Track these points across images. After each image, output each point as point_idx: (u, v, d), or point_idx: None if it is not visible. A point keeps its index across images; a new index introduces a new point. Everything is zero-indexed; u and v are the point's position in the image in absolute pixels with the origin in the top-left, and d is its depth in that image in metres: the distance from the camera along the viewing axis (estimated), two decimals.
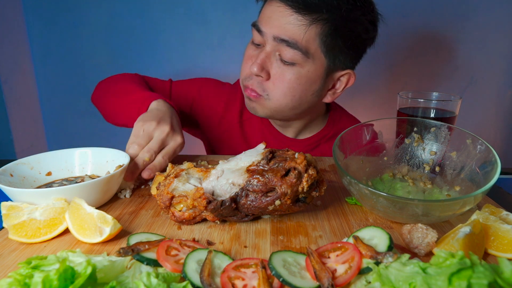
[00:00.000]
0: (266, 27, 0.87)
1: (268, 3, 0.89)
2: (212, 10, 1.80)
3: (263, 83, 0.92)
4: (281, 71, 0.89)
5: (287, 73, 0.89)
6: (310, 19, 0.84)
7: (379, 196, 0.57)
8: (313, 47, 0.87)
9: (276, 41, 0.87)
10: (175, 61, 1.89)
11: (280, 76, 0.89)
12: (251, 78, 0.93)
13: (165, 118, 0.82)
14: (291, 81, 0.89)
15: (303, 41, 0.85)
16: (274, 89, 0.91)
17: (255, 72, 0.89)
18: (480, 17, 1.76)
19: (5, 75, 1.79)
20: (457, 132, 0.72)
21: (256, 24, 0.91)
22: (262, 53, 0.90)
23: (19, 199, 0.61)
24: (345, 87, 0.99)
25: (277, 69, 0.90)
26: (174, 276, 0.45)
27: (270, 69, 0.90)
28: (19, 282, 0.40)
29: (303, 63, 0.88)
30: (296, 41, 0.85)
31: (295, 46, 0.85)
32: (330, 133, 1.11)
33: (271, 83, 0.91)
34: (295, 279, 0.44)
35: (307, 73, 0.90)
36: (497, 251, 0.54)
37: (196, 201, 0.59)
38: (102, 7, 1.81)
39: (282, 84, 0.90)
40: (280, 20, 0.85)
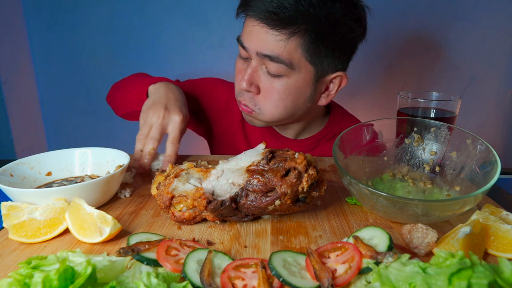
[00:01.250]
0: (248, 43, 0.88)
1: (248, 19, 0.88)
2: (212, 10, 1.80)
3: (254, 97, 0.92)
4: (269, 84, 0.89)
5: (276, 85, 0.89)
6: (288, 33, 0.82)
7: (379, 196, 0.57)
8: (296, 58, 0.85)
9: (259, 56, 0.87)
10: (175, 61, 1.89)
11: (269, 89, 0.90)
12: (243, 93, 0.94)
13: (160, 100, 0.85)
14: (280, 92, 0.89)
15: (284, 54, 0.84)
16: (264, 102, 0.92)
17: (244, 88, 0.90)
18: (480, 17, 1.76)
19: (5, 75, 1.79)
20: (457, 132, 0.72)
21: (239, 39, 0.91)
22: (249, 68, 0.90)
23: (19, 199, 0.61)
24: (338, 88, 0.97)
25: (266, 82, 0.90)
26: (174, 276, 0.45)
27: (259, 82, 0.91)
28: (19, 282, 0.40)
29: (290, 74, 0.88)
30: (277, 55, 0.84)
31: (278, 60, 0.85)
32: (330, 134, 1.11)
33: (261, 97, 0.92)
34: (295, 279, 0.44)
35: (295, 82, 0.89)
36: (497, 251, 0.54)
37: (196, 201, 0.59)
38: (102, 7, 1.81)
39: (272, 97, 0.90)
40: (259, 36, 0.85)
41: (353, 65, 1.01)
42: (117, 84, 1.15)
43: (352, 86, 1.92)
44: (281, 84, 0.89)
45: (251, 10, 0.84)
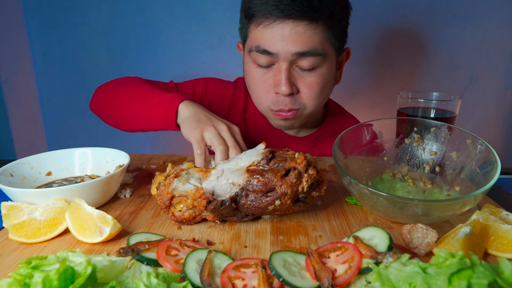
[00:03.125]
0: (279, 47, 0.85)
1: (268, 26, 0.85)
2: (212, 10, 1.79)
3: (295, 98, 0.92)
4: (307, 80, 0.90)
5: (313, 78, 0.90)
6: (320, 24, 0.85)
7: (379, 196, 0.57)
8: (327, 47, 0.89)
9: (294, 56, 0.86)
10: (175, 61, 1.89)
11: (308, 85, 0.90)
12: (280, 100, 0.92)
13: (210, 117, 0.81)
14: (319, 84, 0.91)
15: (319, 46, 0.86)
16: (307, 98, 0.92)
17: (287, 92, 0.88)
18: (480, 17, 1.76)
19: (5, 75, 1.79)
20: (457, 132, 0.72)
21: (261, 48, 0.87)
22: (281, 72, 0.88)
23: (19, 199, 0.61)
24: (345, 62, 1.03)
25: (302, 79, 0.90)
26: (174, 276, 0.45)
27: (296, 82, 0.90)
28: (19, 282, 0.40)
29: (322, 64, 0.89)
30: (314, 49, 0.85)
31: (314, 53, 0.86)
32: (329, 131, 1.12)
33: (302, 95, 0.92)
34: (295, 279, 0.44)
35: (327, 69, 0.92)
36: (497, 251, 0.54)
37: (196, 201, 0.59)
38: (102, 7, 1.81)
39: (313, 91, 0.91)
40: (297, 37, 0.84)
41: (353, 65, 1.01)
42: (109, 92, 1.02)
43: (352, 86, 1.93)
44: (318, 76, 0.90)
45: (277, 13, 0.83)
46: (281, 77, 0.88)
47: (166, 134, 1.91)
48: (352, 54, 1.03)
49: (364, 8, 1.70)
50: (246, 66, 0.97)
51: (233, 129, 0.80)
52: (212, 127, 0.77)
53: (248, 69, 0.96)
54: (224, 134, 0.77)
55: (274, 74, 0.90)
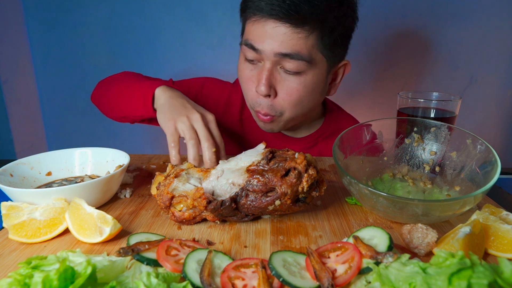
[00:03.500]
0: (264, 45, 0.84)
1: (258, 21, 0.85)
2: (212, 10, 1.80)
3: (273, 103, 0.90)
4: (287, 84, 0.88)
5: (294, 84, 0.87)
6: (308, 29, 0.83)
7: (379, 196, 0.57)
8: (314, 53, 0.86)
9: (277, 56, 0.85)
10: (175, 61, 1.89)
11: (288, 90, 0.88)
12: (259, 101, 0.91)
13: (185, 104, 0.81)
14: (299, 91, 0.88)
15: (304, 50, 0.84)
16: (284, 104, 0.90)
17: (264, 92, 0.87)
18: (480, 17, 1.76)
19: (5, 75, 1.79)
20: (457, 132, 0.72)
21: (248, 43, 0.87)
22: (264, 71, 0.87)
23: (19, 199, 0.61)
24: (342, 76, 1.00)
25: (283, 82, 0.88)
26: (174, 276, 0.45)
27: (276, 84, 0.88)
28: (19, 282, 0.40)
29: (307, 70, 0.87)
30: (298, 52, 0.84)
31: (298, 57, 0.84)
32: (328, 132, 1.12)
33: (280, 100, 0.89)
34: (295, 279, 0.44)
35: (312, 78, 0.89)
36: (497, 251, 0.54)
37: (196, 201, 0.59)
38: (102, 7, 1.81)
39: (291, 98, 0.89)
40: (279, 36, 0.83)
41: (353, 65, 1.01)
42: (105, 83, 1.08)
43: (352, 86, 1.93)
44: (299, 82, 0.88)
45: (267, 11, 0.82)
46: (262, 75, 0.87)
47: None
48: (352, 54, 1.02)
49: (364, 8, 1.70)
50: (239, 59, 0.96)
51: (208, 117, 0.79)
52: (185, 117, 0.77)
53: (239, 63, 0.96)
54: (197, 124, 0.76)
55: (258, 71, 0.89)
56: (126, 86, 0.98)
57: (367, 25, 1.77)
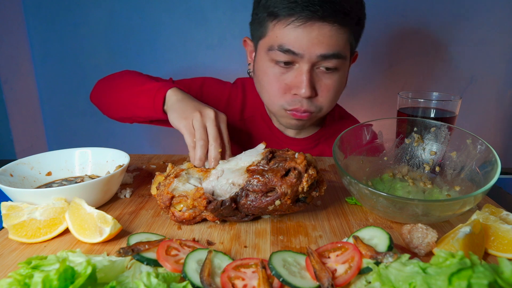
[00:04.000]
0: (308, 50, 0.83)
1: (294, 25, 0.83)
2: (212, 10, 1.80)
3: (313, 101, 0.91)
4: (326, 82, 0.89)
5: (331, 81, 0.89)
6: (347, 27, 0.85)
7: (379, 196, 0.57)
8: (347, 50, 0.89)
9: (318, 59, 0.85)
10: (175, 61, 1.89)
11: (326, 88, 0.90)
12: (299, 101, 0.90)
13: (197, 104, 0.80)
14: (336, 87, 0.91)
15: (343, 49, 0.86)
16: (323, 101, 0.91)
17: (307, 95, 0.87)
18: (480, 17, 1.76)
19: (5, 75, 1.79)
20: (457, 132, 0.72)
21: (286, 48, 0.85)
22: (303, 74, 0.86)
23: (19, 199, 0.61)
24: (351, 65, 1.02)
25: (322, 81, 0.89)
26: (174, 276, 0.45)
27: (315, 85, 0.89)
28: (19, 282, 0.40)
29: (341, 67, 0.89)
30: (339, 52, 0.85)
31: (339, 56, 0.85)
32: (329, 132, 1.12)
33: (320, 98, 0.91)
34: (295, 279, 0.44)
35: (344, 73, 0.92)
36: (497, 251, 0.54)
37: (196, 201, 0.59)
38: (102, 7, 1.81)
39: (330, 94, 0.91)
40: (325, 39, 0.83)
41: (354, 65, 1.01)
42: (106, 82, 1.05)
43: (352, 86, 1.92)
44: (336, 79, 0.90)
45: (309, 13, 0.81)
46: (302, 79, 0.86)
47: (166, 134, 1.91)
48: None
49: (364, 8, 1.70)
50: (261, 63, 0.94)
51: (221, 117, 0.78)
52: (198, 113, 0.76)
53: (263, 67, 0.93)
54: (210, 122, 0.75)
55: (295, 75, 0.88)
56: (131, 86, 0.97)
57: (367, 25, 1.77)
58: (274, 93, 0.93)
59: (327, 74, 0.89)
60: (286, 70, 0.89)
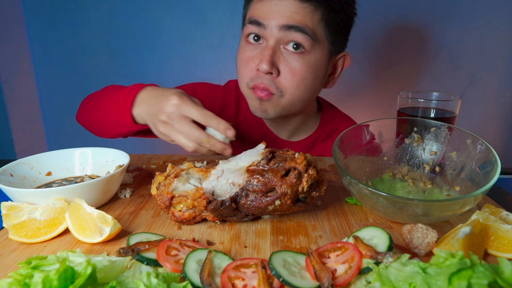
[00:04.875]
0: (270, 20, 0.85)
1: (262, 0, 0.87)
2: (212, 10, 1.80)
3: (274, 80, 0.88)
4: (291, 63, 0.87)
5: (298, 63, 0.87)
6: (314, 5, 0.85)
7: (379, 196, 0.57)
8: (319, 32, 0.87)
9: (282, 31, 0.85)
10: (175, 61, 1.89)
11: (291, 69, 0.87)
12: (260, 77, 0.89)
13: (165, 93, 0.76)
14: (303, 71, 0.88)
15: (310, 25, 0.85)
16: (286, 84, 0.88)
17: (265, 70, 0.85)
18: (480, 17, 1.76)
19: (5, 75, 1.79)
20: (457, 132, 0.72)
21: (253, 19, 0.88)
22: (267, 49, 0.87)
23: (19, 199, 0.61)
24: (341, 69, 1.01)
25: (286, 61, 0.87)
26: (174, 276, 0.45)
27: (279, 63, 0.87)
28: (19, 282, 0.40)
29: (311, 50, 0.87)
30: (305, 26, 0.84)
31: (304, 30, 0.84)
32: (324, 134, 1.11)
33: (282, 79, 0.88)
34: (295, 279, 0.44)
35: (316, 60, 0.89)
36: (497, 251, 0.54)
37: (196, 201, 0.59)
38: (102, 7, 1.81)
39: (294, 77, 0.88)
40: (285, 10, 0.84)
41: (354, 65, 1.01)
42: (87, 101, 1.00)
43: (352, 86, 1.93)
44: (303, 62, 0.88)
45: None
46: (265, 53, 0.86)
47: None
48: (352, 54, 1.02)
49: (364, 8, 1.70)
50: (239, 45, 0.96)
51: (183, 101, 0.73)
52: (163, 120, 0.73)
53: (239, 47, 0.95)
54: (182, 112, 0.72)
55: (261, 51, 0.88)
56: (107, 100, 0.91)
57: (367, 24, 1.78)
58: (243, 71, 0.93)
59: (294, 55, 0.87)
60: (255, 48, 0.90)
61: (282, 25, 0.84)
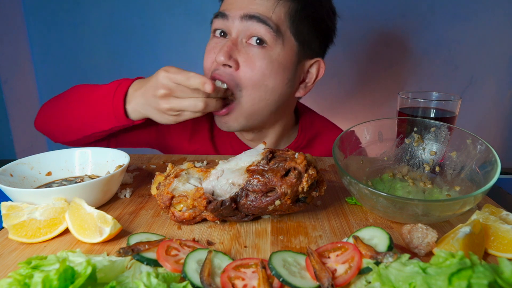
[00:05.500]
0: (232, 10, 0.84)
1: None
2: (212, 10, 1.78)
3: (233, 73, 0.84)
4: (251, 56, 0.83)
5: (258, 57, 0.83)
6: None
7: (379, 196, 0.57)
8: (283, 26, 0.85)
9: (244, 21, 0.83)
10: (175, 61, 1.89)
11: (250, 62, 0.83)
12: (218, 68, 0.85)
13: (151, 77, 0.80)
14: (263, 66, 0.83)
15: (272, 17, 0.83)
16: (245, 78, 0.84)
17: (222, 60, 0.82)
18: (480, 18, 1.76)
19: (5, 75, 1.79)
20: (457, 132, 0.72)
21: (220, 12, 0.87)
22: (228, 41, 0.84)
23: (19, 199, 0.61)
24: (316, 78, 0.96)
25: (246, 55, 0.83)
26: (174, 276, 0.45)
27: (238, 56, 0.84)
28: (19, 282, 0.40)
29: (274, 45, 0.84)
30: (266, 17, 0.82)
31: (266, 22, 0.82)
32: (305, 141, 1.07)
33: (241, 72, 0.84)
34: (295, 279, 0.44)
35: (278, 57, 0.85)
36: (497, 251, 0.54)
37: (196, 201, 0.59)
38: (102, 7, 1.81)
39: (253, 71, 0.83)
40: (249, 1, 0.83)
41: (354, 65, 1.01)
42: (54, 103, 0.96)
43: (352, 86, 1.93)
44: (263, 57, 0.83)
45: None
46: (224, 45, 0.83)
47: None
48: (352, 53, 1.02)
49: (364, 8, 1.71)
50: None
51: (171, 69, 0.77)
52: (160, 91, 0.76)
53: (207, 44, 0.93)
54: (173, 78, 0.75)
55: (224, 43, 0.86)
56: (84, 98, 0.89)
57: (367, 25, 1.78)
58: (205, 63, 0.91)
59: (255, 48, 0.84)
60: (219, 41, 0.89)
61: (243, 15, 0.83)
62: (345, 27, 1.05)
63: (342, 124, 1.18)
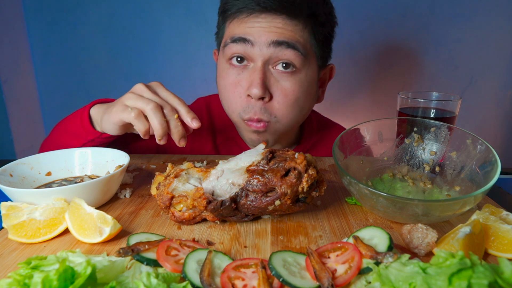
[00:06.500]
0: (258, 36, 0.80)
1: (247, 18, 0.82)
2: (212, 10, 1.79)
3: (267, 106, 0.83)
4: (282, 85, 0.82)
5: (290, 84, 0.83)
6: (303, 22, 0.82)
7: (379, 196, 0.57)
8: (308, 48, 0.84)
9: (272, 47, 0.80)
10: (175, 61, 1.89)
11: (283, 92, 0.82)
12: (250, 106, 0.83)
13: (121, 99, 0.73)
14: (295, 91, 0.83)
15: (301, 41, 0.82)
16: (280, 108, 0.83)
17: (258, 95, 0.80)
18: (480, 17, 1.76)
19: (5, 75, 1.79)
20: (457, 132, 0.72)
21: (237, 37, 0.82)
22: (256, 71, 0.80)
23: (19, 199, 0.61)
24: (328, 81, 0.98)
25: (278, 83, 0.82)
26: (174, 276, 0.45)
27: (270, 87, 0.82)
28: (19, 282, 0.40)
29: (302, 68, 0.84)
30: (296, 42, 0.81)
31: (295, 46, 0.80)
32: (308, 145, 1.07)
33: (275, 103, 0.83)
34: (295, 279, 0.44)
35: (306, 77, 0.85)
36: (497, 251, 0.54)
37: (196, 201, 0.59)
38: (102, 7, 1.81)
39: (288, 99, 0.83)
40: (274, 26, 0.80)
41: (353, 65, 1.01)
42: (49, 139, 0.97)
43: (352, 86, 1.93)
44: (295, 81, 0.83)
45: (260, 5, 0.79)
46: (254, 76, 0.80)
47: None
48: (352, 54, 1.02)
49: (364, 8, 1.71)
50: (219, 68, 0.89)
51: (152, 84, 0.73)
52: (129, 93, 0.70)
53: (221, 70, 0.88)
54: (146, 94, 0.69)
55: (249, 74, 0.82)
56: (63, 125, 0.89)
57: (367, 25, 1.78)
58: (231, 100, 0.86)
59: (285, 75, 0.82)
60: (241, 70, 0.84)
61: (272, 41, 0.79)
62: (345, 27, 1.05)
63: (342, 124, 1.19)
